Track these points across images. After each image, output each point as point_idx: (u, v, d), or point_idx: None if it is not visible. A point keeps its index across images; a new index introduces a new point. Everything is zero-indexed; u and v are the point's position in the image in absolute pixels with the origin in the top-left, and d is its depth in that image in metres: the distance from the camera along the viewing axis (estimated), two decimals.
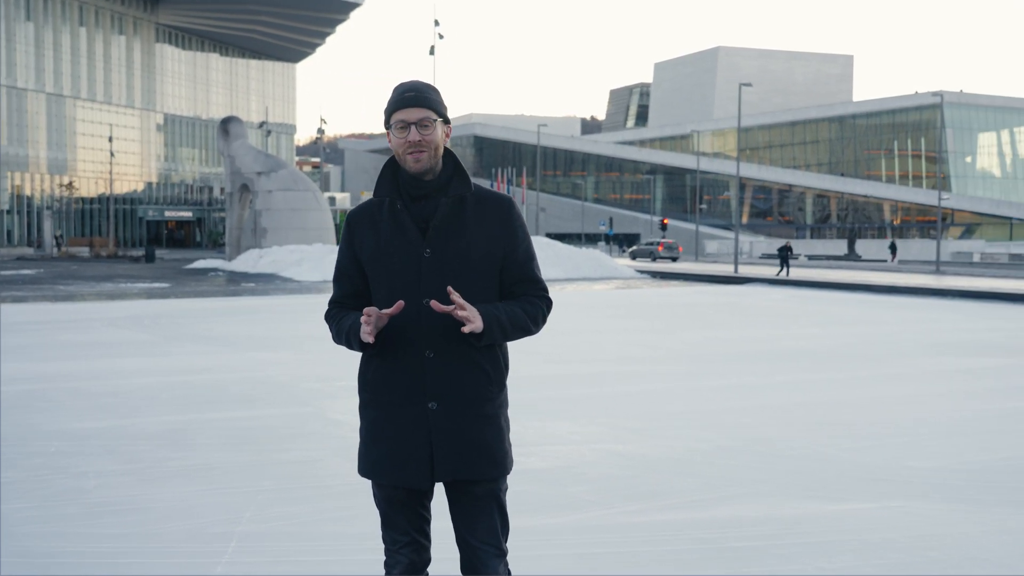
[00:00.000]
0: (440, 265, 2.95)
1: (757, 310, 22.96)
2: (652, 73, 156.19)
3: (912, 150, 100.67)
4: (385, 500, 3.09)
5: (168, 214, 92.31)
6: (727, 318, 20.73)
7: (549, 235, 71.80)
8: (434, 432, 2.96)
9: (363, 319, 2.86)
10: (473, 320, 2.85)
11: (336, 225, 50.11)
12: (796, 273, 40.14)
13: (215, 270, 41.16)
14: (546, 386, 10.77)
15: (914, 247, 75.59)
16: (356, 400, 3.23)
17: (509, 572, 3.14)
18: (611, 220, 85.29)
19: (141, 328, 17.01)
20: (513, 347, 12.92)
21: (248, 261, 40.13)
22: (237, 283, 32.32)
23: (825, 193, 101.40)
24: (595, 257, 39.73)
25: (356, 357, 3.21)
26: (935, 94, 60.93)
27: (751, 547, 5.21)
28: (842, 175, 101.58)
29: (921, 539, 5.40)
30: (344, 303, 3.15)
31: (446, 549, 3.54)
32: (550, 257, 37.28)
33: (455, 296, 2.84)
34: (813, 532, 5.50)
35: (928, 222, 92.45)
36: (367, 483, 6.46)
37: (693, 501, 6.14)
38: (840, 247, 78.77)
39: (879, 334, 17.03)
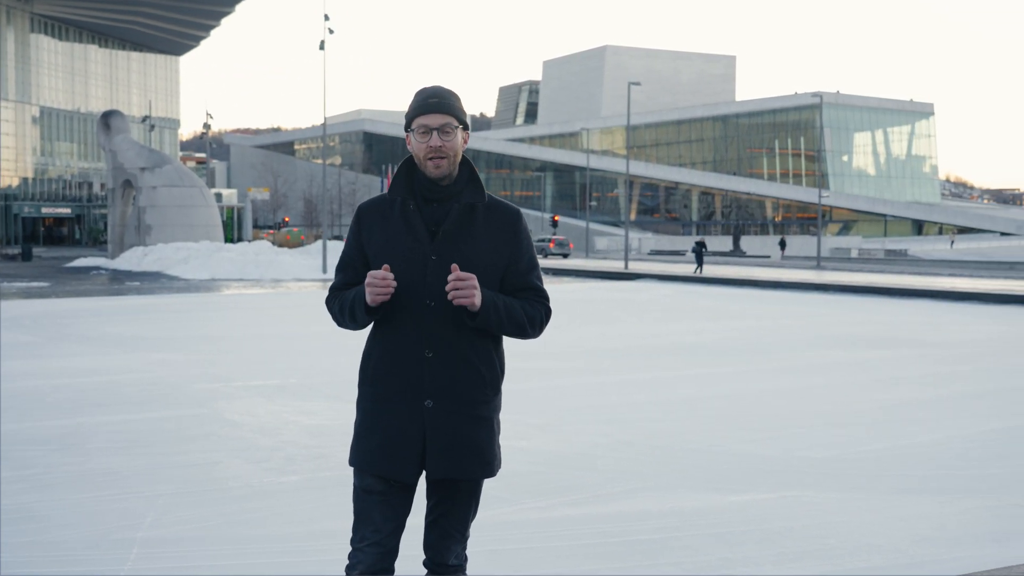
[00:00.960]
0: (446, 270, 2.99)
1: (650, 306, 23.36)
2: (541, 71, 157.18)
3: (792, 149, 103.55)
4: (365, 492, 3.10)
5: (45, 211, 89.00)
6: (621, 314, 21.04)
7: None
8: (428, 429, 3.01)
9: (370, 281, 2.89)
10: (470, 295, 2.88)
11: (224, 222, 49.09)
12: (685, 269, 40.93)
13: (97, 268, 39.92)
14: None
15: (795, 243, 77.85)
16: (254, 401, 3.24)
17: (466, 556, 3.27)
18: None
19: (21, 329, 16.39)
20: None
21: (132, 259, 39.05)
22: (121, 282, 31.42)
23: (710, 190, 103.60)
24: None
25: (250, 359, 3.19)
26: (815, 95, 62.68)
27: (658, 539, 5.32)
28: (734, 173, 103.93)
29: (818, 527, 5.59)
30: (346, 291, 3.18)
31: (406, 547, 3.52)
32: None
33: (458, 272, 2.88)
34: (716, 523, 5.64)
35: (808, 219, 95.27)
36: (271, 485, 6.46)
37: (600, 496, 6.23)
38: (725, 243, 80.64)
39: (767, 328, 17.51)
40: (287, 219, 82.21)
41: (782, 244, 66.32)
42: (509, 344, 3.35)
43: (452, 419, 3.02)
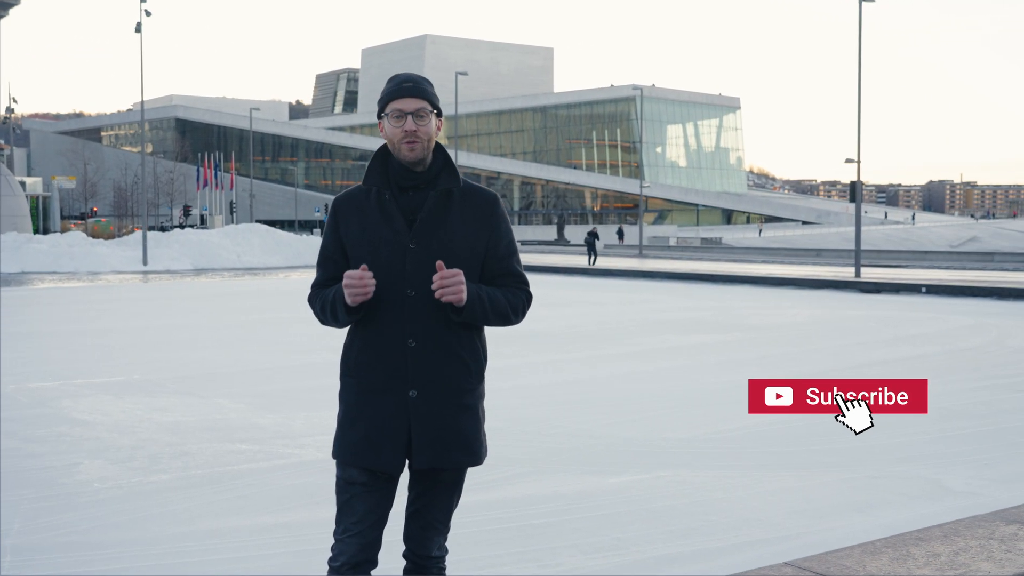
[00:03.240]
0: (425, 258, 2.96)
1: None
2: (360, 59, 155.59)
3: (609, 140, 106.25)
4: (348, 484, 3.05)
5: None
6: None
7: (259, 221, 69.93)
8: (413, 420, 2.98)
9: (352, 281, 2.86)
10: (458, 292, 2.86)
11: (31, 211, 46.47)
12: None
13: None
14: (302, 375, 10.61)
15: (608, 233, 79.95)
16: (101, 398, 3.15)
17: (446, 547, 3.26)
18: (326, 207, 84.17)
19: None
20: (246, 337, 12.62)
21: None
22: None
23: (531, 180, 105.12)
24: (316, 244, 39.19)
25: (85, 355, 3.09)
26: (635, 88, 64.63)
27: (550, 523, 5.42)
28: (572, 166, 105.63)
29: (698, 504, 5.81)
30: (327, 287, 3.12)
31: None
32: (270, 245, 36.49)
33: (443, 269, 2.87)
34: (602, 505, 5.78)
35: (625, 208, 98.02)
36: (140, 485, 6.22)
37: (482, 483, 6.25)
38: (550, 232, 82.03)
39: (604, 315, 17.96)
40: (95, 209, 78.49)
41: (620, 233, 68.38)
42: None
43: (437, 408, 2.99)
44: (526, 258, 42.14)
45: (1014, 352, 12.64)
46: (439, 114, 3.03)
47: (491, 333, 12.49)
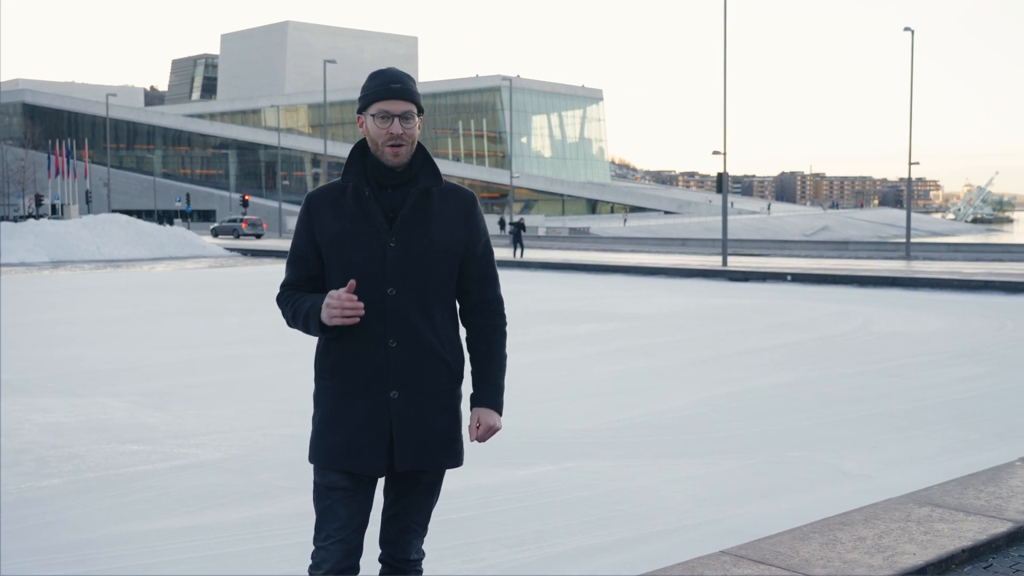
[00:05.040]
0: (405, 256, 2.90)
1: None
2: (219, 44, 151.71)
3: (476, 130, 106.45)
4: (328, 489, 2.95)
5: None
6: None
7: (117, 211, 67.56)
8: (395, 421, 2.90)
9: (334, 303, 2.79)
10: (496, 427, 3.03)
11: None
12: None
13: None
14: (187, 371, 10.31)
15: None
16: None
17: (423, 551, 3.19)
18: (188, 196, 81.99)
19: None
20: (121, 333, 12.18)
21: None
22: None
23: None
24: (181, 235, 38.14)
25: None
26: (504, 78, 64.82)
27: (470, 517, 5.40)
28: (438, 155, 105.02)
29: (610, 494, 5.88)
30: (299, 286, 3.02)
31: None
32: (131, 236, 35.26)
33: (474, 436, 3.03)
34: (517, 497, 5.79)
35: (492, 199, 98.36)
36: (32, 491, 5.93)
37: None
38: None
39: None
40: None
41: (502, 224, 68.66)
42: (230, 329, 3.22)
43: (418, 409, 2.93)
44: None
45: (881, 338, 13.20)
46: (422, 112, 2.98)
47: None
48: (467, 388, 3.15)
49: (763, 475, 6.36)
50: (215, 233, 63.75)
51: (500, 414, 3.07)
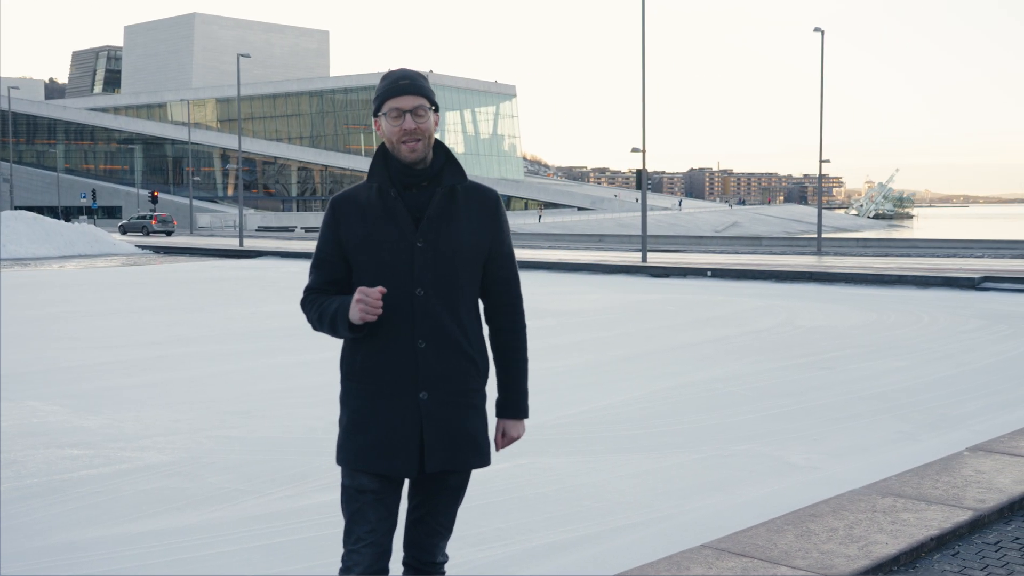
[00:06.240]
0: (433, 256, 2.88)
1: (280, 284, 23.03)
2: (123, 36, 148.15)
3: None
4: (358, 492, 2.92)
5: None
6: (258, 292, 20.58)
7: (20, 208, 65.51)
8: (425, 422, 2.89)
9: (362, 299, 2.78)
10: (519, 436, 3.16)
11: None
12: (303, 245, 40.60)
13: None
14: (118, 372, 10.07)
15: None
16: None
17: (447, 555, 3.20)
18: (94, 192, 79.88)
19: None
20: (41, 333, 11.84)
21: None
22: None
23: (308, 166, 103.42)
24: (90, 233, 37.14)
25: None
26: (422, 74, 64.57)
27: None
28: (332, 149, 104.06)
29: (568, 491, 5.91)
30: (323, 290, 2.98)
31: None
32: (38, 234, 34.24)
33: (499, 447, 3.13)
34: (475, 495, 5.73)
35: None
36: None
37: (338, 481, 6.12)
38: None
39: None
40: None
41: None
42: (149, 330, 3.20)
43: (448, 410, 2.91)
44: (310, 245, 41.46)
45: (806, 332, 13.50)
46: (436, 109, 2.95)
47: (297, 324, 12.33)
48: (322, 381, 3.15)
49: (714, 468, 6.46)
50: (123, 230, 62.30)
51: (527, 417, 3.14)
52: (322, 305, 2.94)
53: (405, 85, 2.90)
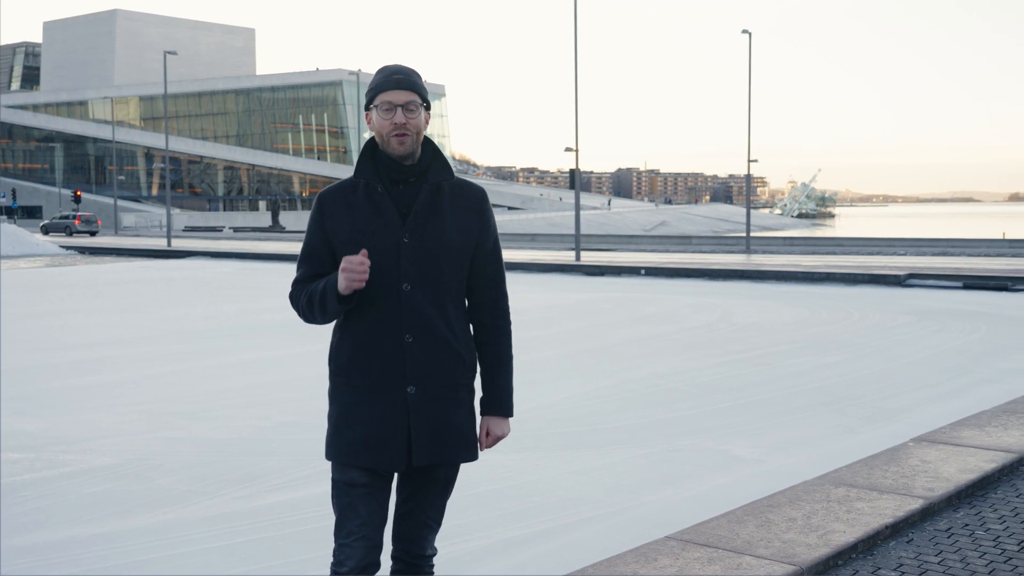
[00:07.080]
0: (419, 252, 2.90)
1: (213, 284, 22.72)
2: (41, 32, 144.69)
3: (316, 125, 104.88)
4: (348, 486, 2.94)
5: None
6: (191, 293, 20.29)
7: None
8: (413, 416, 2.91)
9: (346, 267, 2.77)
10: (503, 434, 3.12)
11: None
12: (233, 245, 40.07)
13: None
14: (56, 374, 9.89)
15: None
16: None
17: (435, 548, 3.21)
18: (14, 192, 77.82)
19: None
20: None
21: None
22: None
23: (235, 165, 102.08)
24: (12, 233, 36.25)
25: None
26: (352, 72, 64.14)
27: None
28: (259, 148, 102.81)
29: (520, 487, 5.97)
30: (311, 283, 2.97)
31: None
32: None
33: (483, 446, 3.09)
34: None
35: None
36: None
37: (291, 481, 6.12)
38: (262, 219, 79.96)
39: None
40: None
41: None
42: (87, 330, 3.21)
43: (435, 404, 2.93)
44: (241, 245, 40.97)
45: (741, 329, 13.73)
46: (428, 107, 2.97)
47: (235, 325, 12.28)
48: (264, 380, 3.17)
49: (661, 463, 6.56)
50: (45, 231, 60.90)
51: (511, 416, 3.14)
52: (309, 290, 2.96)
53: (399, 80, 2.92)
